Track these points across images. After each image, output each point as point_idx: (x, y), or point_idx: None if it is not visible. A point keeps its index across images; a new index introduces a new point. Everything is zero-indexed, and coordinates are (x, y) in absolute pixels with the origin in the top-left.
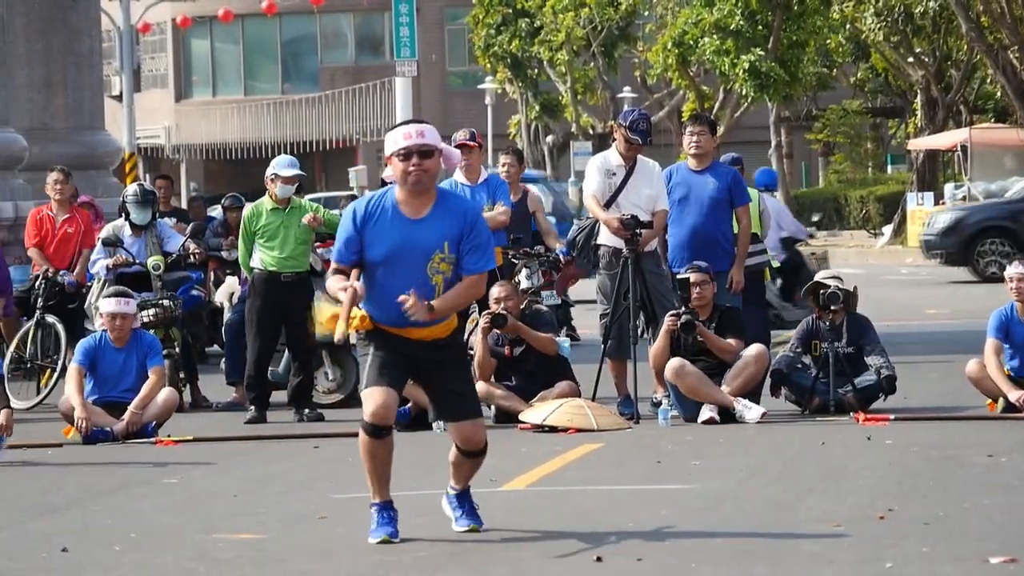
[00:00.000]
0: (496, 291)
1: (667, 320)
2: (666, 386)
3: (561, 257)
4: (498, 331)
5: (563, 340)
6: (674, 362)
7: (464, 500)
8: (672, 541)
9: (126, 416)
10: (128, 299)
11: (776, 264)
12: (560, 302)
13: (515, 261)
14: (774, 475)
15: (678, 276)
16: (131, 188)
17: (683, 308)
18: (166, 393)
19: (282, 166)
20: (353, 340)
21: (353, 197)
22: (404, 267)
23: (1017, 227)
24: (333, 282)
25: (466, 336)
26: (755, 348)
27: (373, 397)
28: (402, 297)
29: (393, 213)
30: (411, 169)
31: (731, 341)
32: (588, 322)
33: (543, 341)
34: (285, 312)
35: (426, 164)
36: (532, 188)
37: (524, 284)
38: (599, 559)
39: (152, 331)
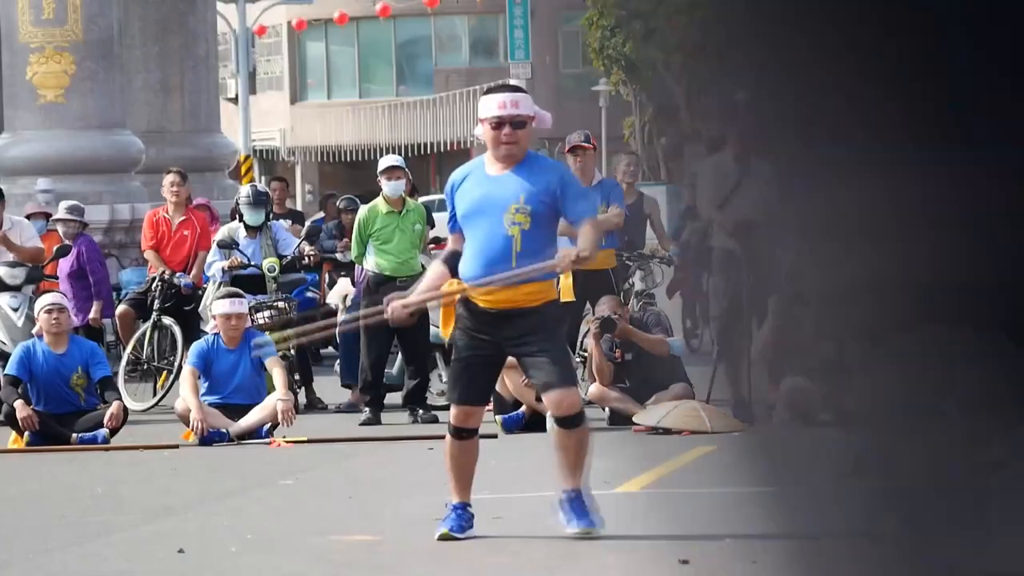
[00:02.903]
0: (602, 308)
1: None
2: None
3: (675, 259)
4: (609, 336)
5: (675, 340)
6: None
7: (576, 502)
8: (787, 544)
9: (280, 407)
10: (240, 299)
11: None
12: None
13: (629, 263)
14: None
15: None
16: (244, 189)
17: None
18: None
19: (382, 162)
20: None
21: None
22: (483, 220)
23: None
24: (436, 264)
25: (580, 339)
26: None
27: (457, 404)
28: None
29: (479, 173)
30: (503, 139)
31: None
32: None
33: (654, 342)
34: None
35: (518, 134)
36: (647, 191)
37: (639, 286)
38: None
39: (267, 333)
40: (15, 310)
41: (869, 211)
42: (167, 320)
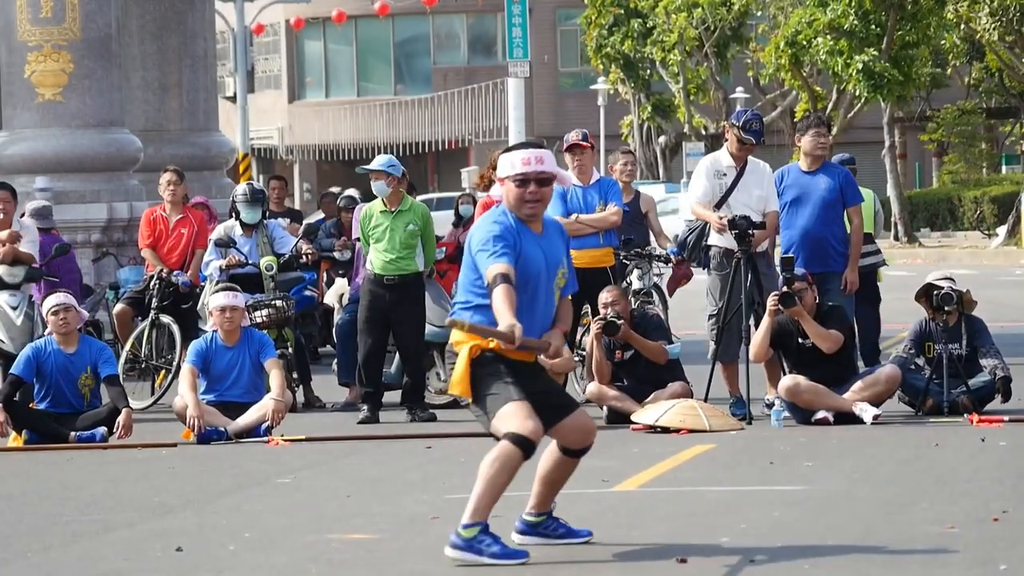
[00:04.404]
0: (605, 296)
1: (770, 301)
2: (777, 382)
3: (672, 257)
4: (610, 338)
5: (674, 347)
6: (787, 381)
7: (558, 520)
8: (785, 543)
9: (271, 406)
10: (236, 293)
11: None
12: None
13: (627, 262)
14: (887, 477)
15: (784, 256)
16: (240, 187)
17: (785, 288)
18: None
19: (374, 162)
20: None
21: (472, 197)
22: (542, 283)
23: None
24: (503, 296)
25: (578, 338)
26: (890, 368)
27: (522, 411)
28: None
29: (522, 229)
30: (528, 197)
31: (833, 331)
32: (697, 322)
33: (654, 350)
34: (391, 314)
35: (543, 192)
36: (644, 189)
37: (636, 285)
38: (686, 560)
39: (265, 332)
40: (14, 308)
41: None
42: (165, 318)
